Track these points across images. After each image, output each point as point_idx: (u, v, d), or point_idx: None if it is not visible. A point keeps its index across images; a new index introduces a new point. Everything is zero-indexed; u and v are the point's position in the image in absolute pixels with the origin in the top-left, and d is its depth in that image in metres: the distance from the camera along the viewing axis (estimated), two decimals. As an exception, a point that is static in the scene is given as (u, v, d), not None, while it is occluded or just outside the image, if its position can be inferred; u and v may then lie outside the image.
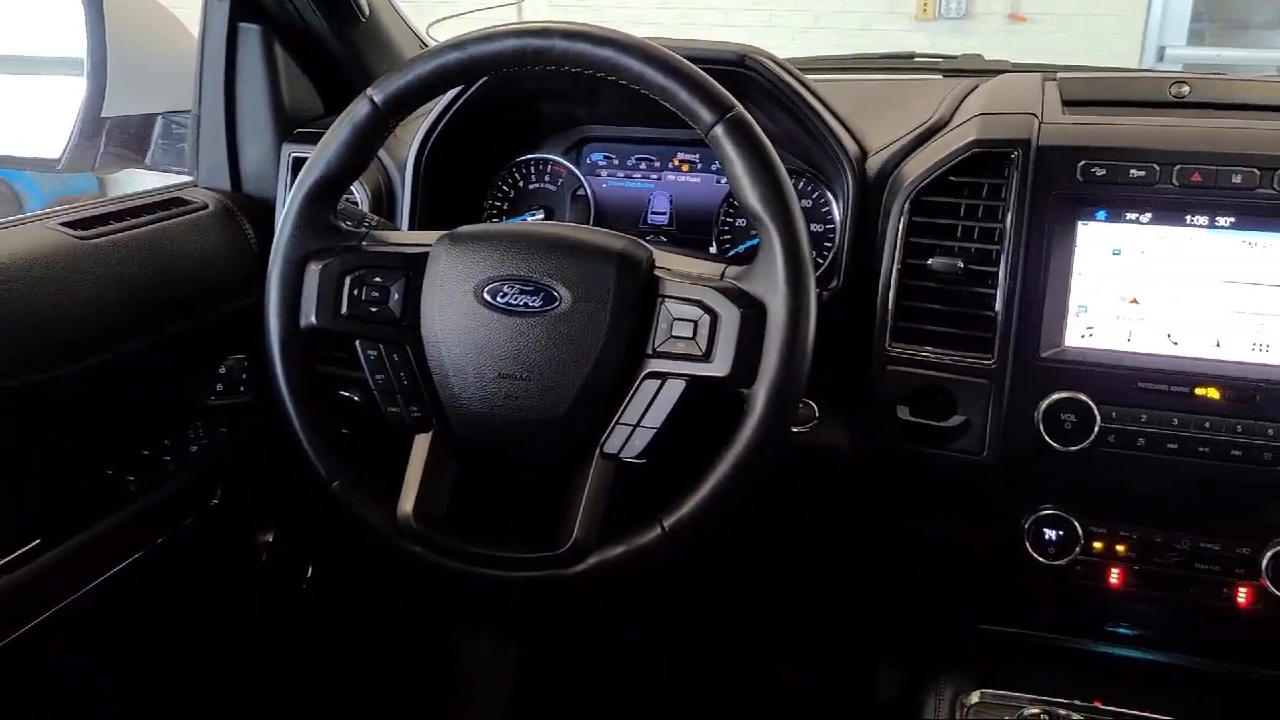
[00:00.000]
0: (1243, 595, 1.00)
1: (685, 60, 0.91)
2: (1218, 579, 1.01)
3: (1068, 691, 1.00)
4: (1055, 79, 1.23)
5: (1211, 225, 0.99)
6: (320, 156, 0.97)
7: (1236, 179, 0.98)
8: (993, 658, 1.08)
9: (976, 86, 1.28)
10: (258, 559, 1.36)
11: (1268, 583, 0.98)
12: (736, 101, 0.91)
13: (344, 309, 0.97)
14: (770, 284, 0.89)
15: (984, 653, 1.08)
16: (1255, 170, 0.97)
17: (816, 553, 1.35)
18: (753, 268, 0.91)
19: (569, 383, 0.92)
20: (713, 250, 1.30)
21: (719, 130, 0.90)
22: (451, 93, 1.23)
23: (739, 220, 1.28)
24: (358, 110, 0.96)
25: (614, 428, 0.92)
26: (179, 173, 1.42)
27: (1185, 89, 1.17)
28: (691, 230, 1.31)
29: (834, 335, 1.10)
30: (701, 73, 0.91)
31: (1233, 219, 0.99)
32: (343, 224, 1.02)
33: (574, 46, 0.91)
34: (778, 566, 1.46)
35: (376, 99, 0.95)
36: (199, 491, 1.22)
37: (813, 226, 1.24)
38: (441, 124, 1.23)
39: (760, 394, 0.88)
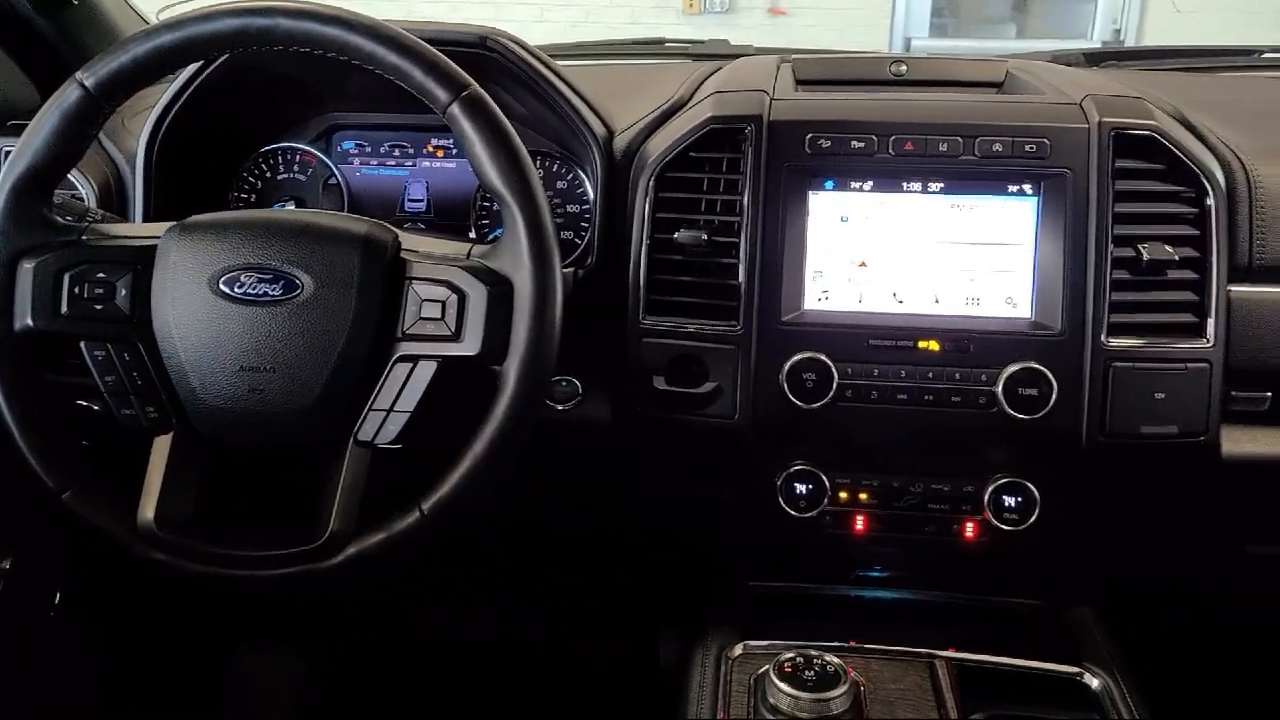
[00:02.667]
0: (970, 530, 1.09)
1: (419, 40, 0.91)
2: (949, 517, 1.10)
3: (825, 635, 1.06)
4: (790, 61, 1.30)
5: (925, 190, 1.07)
6: (26, 146, 0.90)
7: (943, 147, 1.06)
8: (758, 612, 1.13)
9: (720, 69, 1.33)
10: (-7, 588, 1.26)
11: (990, 516, 1.08)
12: (472, 80, 0.91)
13: (64, 308, 0.91)
14: (516, 260, 0.90)
15: (750, 608, 1.13)
16: (959, 138, 1.06)
17: (593, 528, 1.37)
18: (498, 245, 0.92)
19: (316, 372, 0.90)
20: (472, 236, 1.30)
21: (455, 109, 0.89)
22: (182, 78, 1.17)
23: (496, 205, 1.28)
24: (66, 95, 0.90)
25: (367, 414, 0.91)
26: None
27: (903, 68, 1.26)
28: (450, 217, 1.30)
29: (594, 312, 1.13)
30: (435, 51, 0.90)
31: (942, 184, 1.07)
32: (60, 218, 0.95)
33: (300, 26, 0.89)
34: (560, 546, 1.47)
35: (87, 83, 0.90)
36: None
37: (569, 207, 1.25)
38: (172, 112, 1.17)
39: (511, 370, 0.89)
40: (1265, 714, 1.45)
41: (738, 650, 1.04)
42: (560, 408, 1.15)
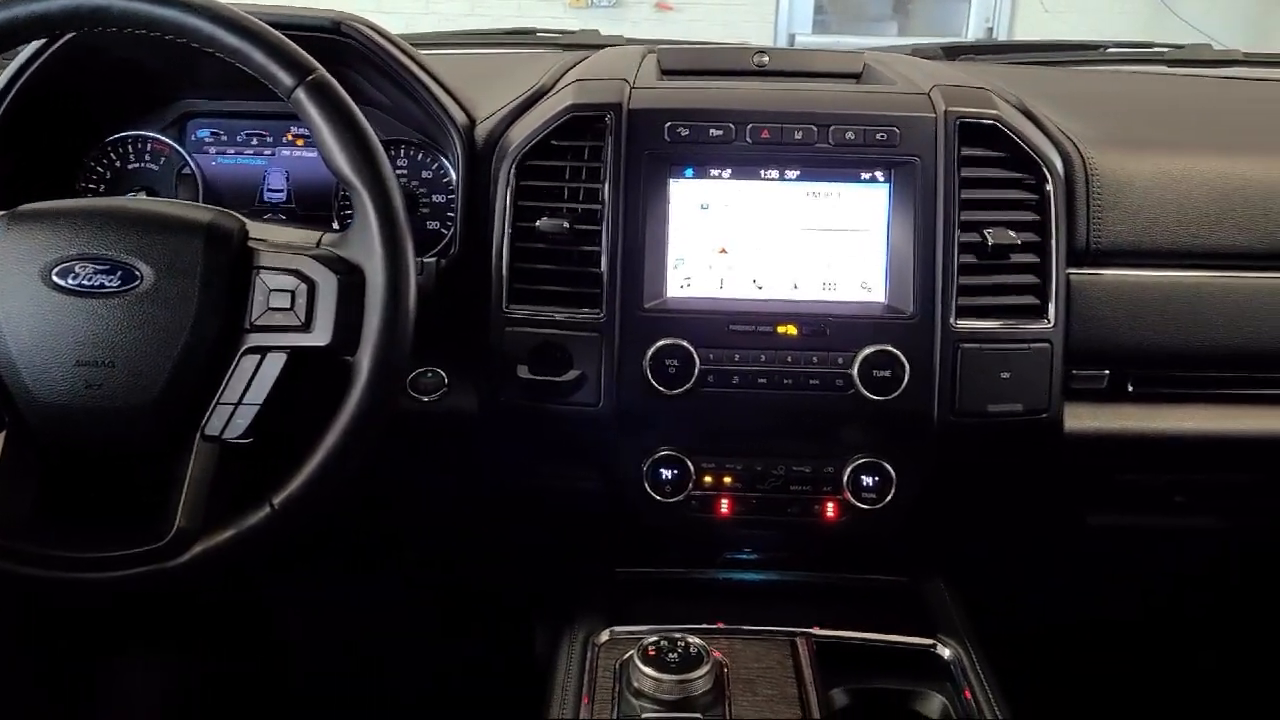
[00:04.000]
0: (831, 510, 1.12)
1: (261, 22, 0.89)
2: (810, 498, 1.12)
3: (692, 618, 1.07)
4: (655, 51, 1.30)
5: (782, 178, 1.09)
6: None
7: (798, 135, 1.08)
8: (626, 598, 1.13)
9: (587, 58, 1.33)
10: None
11: (849, 496, 1.10)
12: (317, 64, 0.89)
13: None
14: (366, 248, 0.89)
15: (618, 594, 1.14)
16: (814, 127, 1.08)
17: (463, 520, 1.36)
18: (349, 233, 0.91)
19: (159, 365, 0.87)
20: (335, 227, 1.27)
21: (300, 94, 0.88)
22: (17, 61, 1.12)
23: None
24: None
25: (214, 408, 0.89)
26: None
27: (765, 59, 1.28)
28: (313, 207, 1.27)
29: (458, 302, 1.12)
30: (278, 34, 0.88)
31: (799, 171, 1.09)
32: None
33: (134, 7, 0.86)
34: (429, 538, 1.46)
35: None
36: None
37: (434, 197, 1.24)
38: (8, 98, 1.12)
39: (364, 360, 0.88)
40: (1109, 678, 1.53)
41: (604, 637, 1.04)
42: (426, 399, 1.14)
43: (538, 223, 1.08)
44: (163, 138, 1.26)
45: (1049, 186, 1.07)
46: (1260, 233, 1.10)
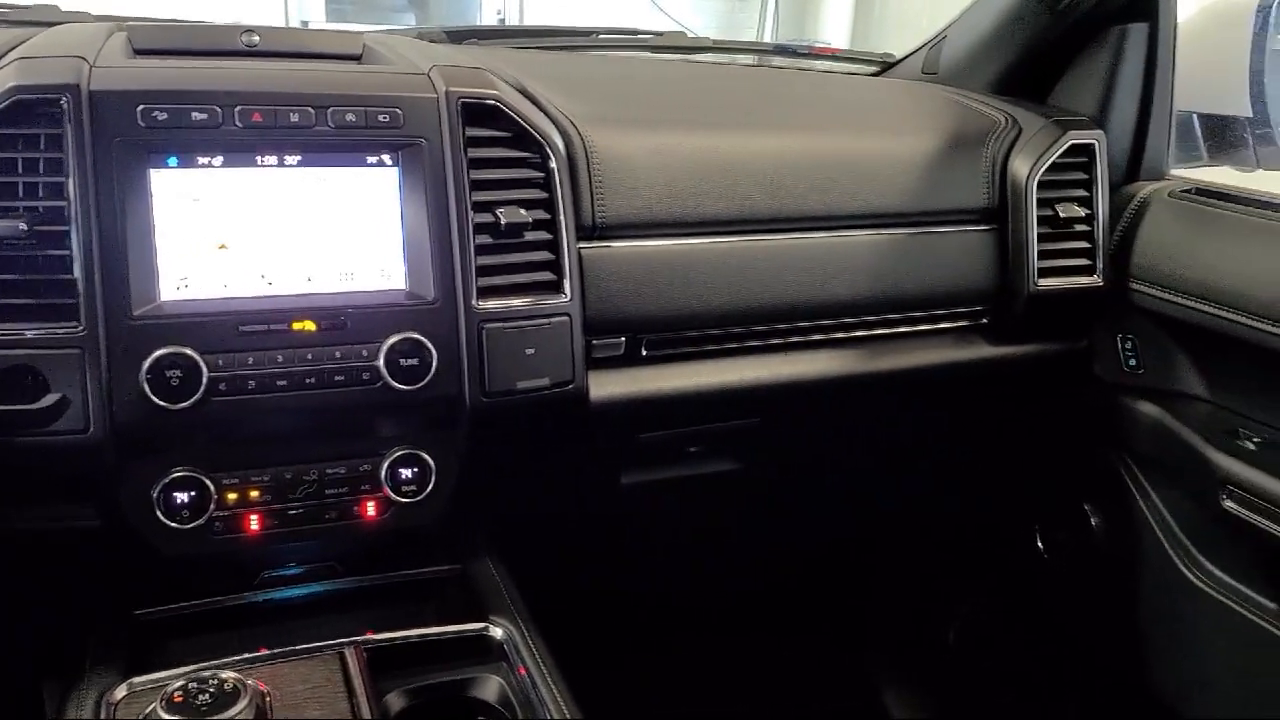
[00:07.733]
0: (372, 508, 1.07)
1: None
2: (348, 499, 1.06)
3: (230, 650, 0.98)
4: (124, 28, 1.16)
5: (282, 164, 1.02)
6: None
7: (295, 118, 1.01)
8: (149, 642, 1.01)
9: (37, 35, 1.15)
10: None
11: (389, 491, 1.07)
12: None
13: None
14: None
15: (139, 640, 1.01)
16: (310, 109, 1.02)
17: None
18: None
19: None
20: None
21: None
22: None
23: None
24: None
25: None
26: None
27: (255, 38, 1.18)
28: None
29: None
30: None
31: (300, 156, 1.02)
32: None
33: None
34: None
35: None
36: None
37: None
38: None
39: None
40: (662, 633, 1.64)
41: (120, 692, 0.91)
42: None
43: (-15, 226, 0.92)
44: None
45: (553, 164, 1.10)
46: (732, 201, 1.22)
